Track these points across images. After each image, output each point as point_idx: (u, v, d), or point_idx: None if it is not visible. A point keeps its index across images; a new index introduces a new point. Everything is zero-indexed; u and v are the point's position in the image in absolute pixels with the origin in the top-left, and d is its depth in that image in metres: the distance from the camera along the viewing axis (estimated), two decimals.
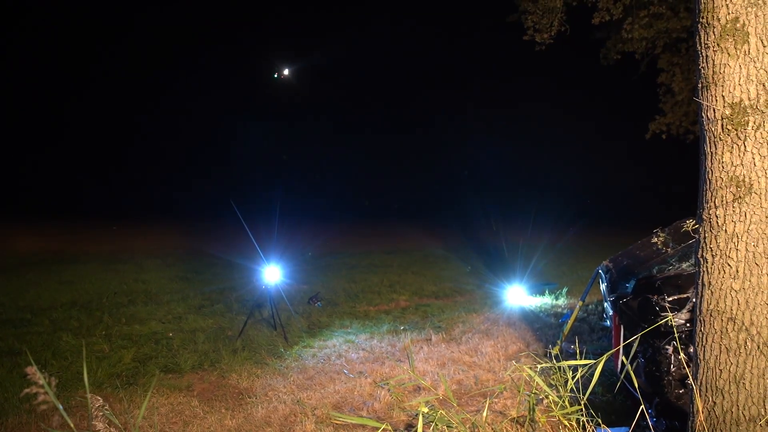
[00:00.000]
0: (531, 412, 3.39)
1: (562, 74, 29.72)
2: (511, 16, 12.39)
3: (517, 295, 9.02)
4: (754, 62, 2.52)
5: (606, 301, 5.32)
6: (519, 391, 4.63)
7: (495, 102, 36.85)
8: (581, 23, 11.84)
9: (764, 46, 2.51)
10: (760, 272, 2.60)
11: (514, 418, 3.52)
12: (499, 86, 36.19)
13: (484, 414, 3.36)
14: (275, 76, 31.41)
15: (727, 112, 2.57)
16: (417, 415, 2.94)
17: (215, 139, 35.62)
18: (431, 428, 3.11)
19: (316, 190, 29.80)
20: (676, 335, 3.34)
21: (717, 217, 2.66)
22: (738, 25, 2.52)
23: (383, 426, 2.87)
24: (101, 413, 2.76)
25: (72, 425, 2.38)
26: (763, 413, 2.63)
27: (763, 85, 2.52)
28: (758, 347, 2.62)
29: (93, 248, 15.08)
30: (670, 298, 3.98)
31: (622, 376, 3.27)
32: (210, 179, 30.20)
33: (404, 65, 39.46)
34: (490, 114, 36.56)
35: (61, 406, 2.27)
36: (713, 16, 2.57)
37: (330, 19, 42.80)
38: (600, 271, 5.65)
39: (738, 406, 2.67)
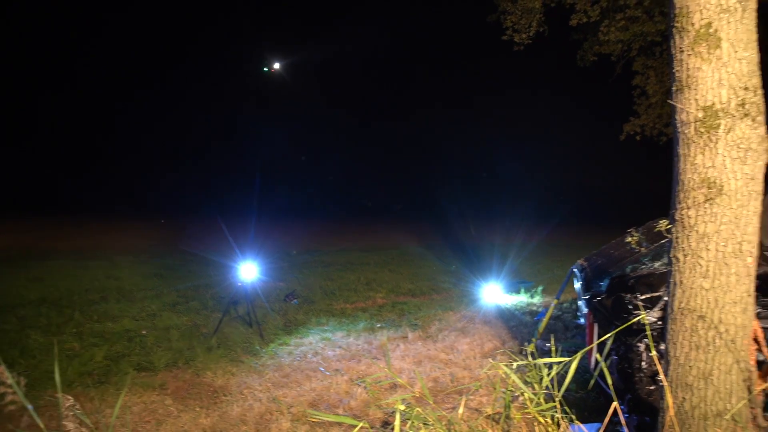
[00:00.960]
0: (506, 409, 3.43)
1: (541, 74, 30.05)
2: (491, 16, 12.48)
3: (493, 293, 9.10)
4: (726, 67, 2.58)
5: (580, 300, 5.40)
6: (495, 389, 4.67)
7: (471, 101, 37.13)
8: (560, 24, 11.99)
9: (735, 52, 2.57)
10: (728, 272, 2.67)
11: (490, 415, 3.56)
12: (478, 85, 36.48)
13: (460, 411, 3.38)
14: (265, 69, 31.02)
15: (700, 115, 2.63)
16: (393, 412, 2.94)
17: (194, 133, 35.11)
18: (408, 426, 3.12)
19: (296, 187, 29.61)
20: (648, 333, 3.41)
21: (689, 217, 2.72)
22: (711, 30, 2.57)
23: (360, 424, 2.87)
24: (72, 413, 2.70)
25: (42, 426, 2.33)
26: (728, 407, 2.70)
27: (734, 90, 2.58)
28: (726, 344, 2.69)
29: (64, 244, 14.75)
30: (643, 297, 4.06)
31: (596, 373, 3.32)
32: (187, 175, 29.75)
33: (384, 60, 39.44)
34: (464, 113, 36.84)
35: (30, 406, 2.21)
36: (687, 21, 2.62)
37: (317, 14, 42.54)
38: (575, 269, 5.73)
39: (706, 401, 2.74)
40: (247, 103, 35.80)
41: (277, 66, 30.52)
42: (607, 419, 3.16)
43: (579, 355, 2.96)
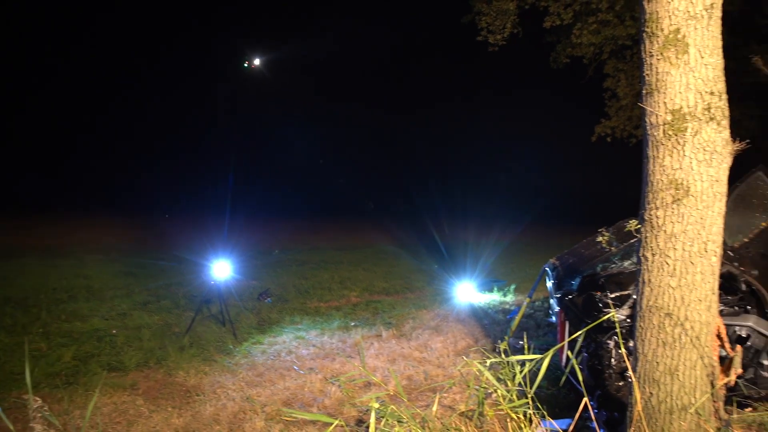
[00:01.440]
0: (480, 406, 3.47)
1: (515, 75, 30.37)
2: (466, 17, 12.57)
3: (467, 292, 9.18)
4: (693, 72, 2.66)
5: (552, 298, 5.49)
6: (468, 386, 4.72)
7: (447, 101, 37.30)
8: (534, 26, 12.14)
9: (702, 57, 2.65)
10: (694, 270, 2.75)
11: (463, 412, 3.59)
12: (457, 85, 36.69)
13: (434, 408, 3.41)
14: (245, 65, 30.46)
15: (669, 118, 2.70)
16: (368, 410, 2.95)
17: (168, 132, 34.44)
18: (382, 423, 3.13)
19: (271, 185, 29.33)
20: (617, 330, 3.49)
21: (657, 217, 2.79)
22: (679, 36, 2.64)
23: (335, 422, 2.88)
24: (40, 414, 2.64)
25: (12, 427, 2.27)
26: (693, 402, 2.78)
27: (701, 94, 2.66)
28: (691, 341, 2.77)
29: (33, 242, 14.36)
30: (613, 295, 4.15)
31: (567, 370, 3.38)
32: (164, 173, 29.20)
33: (364, 58, 39.32)
34: (439, 113, 36.98)
35: None
36: (657, 26, 2.69)
37: (297, 9, 42.14)
38: (547, 268, 5.81)
39: (672, 396, 2.81)
40: (227, 100, 35.31)
41: (257, 62, 30.05)
42: (577, 415, 3.22)
43: (550, 353, 3.01)
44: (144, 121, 33.88)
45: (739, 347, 3.17)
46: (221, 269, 7.18)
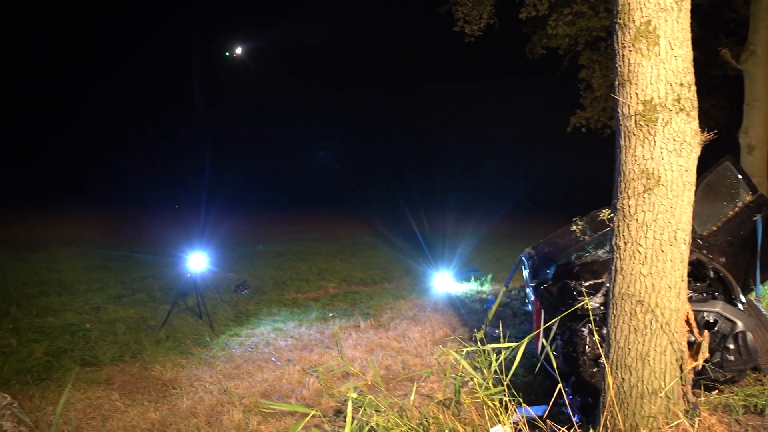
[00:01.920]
0: (456, 395, 3.51)
1: (492, 66, 30.44)
2: (443, 7, 12.57)
3: (444, 282, 9.25)
4: (664, 63, 2.70)
5: (528, 287, 5.56)
6: (445, 375, 4.76)
7: (428, 91, 37.26)
8: (510, 17, 12.20)
9: (672, 49, 2.70)
10: (665, 258, 2.81)
11: (441, 400, 3.63)
12: (433, 76, 36.63)
13: (412, 398, 3.44)
14: (227, 54, 29.86)
15: (640, 109, 2.74)
16: (346, 400, 2.96)
17: (146, 123, 33.69)
18: (360, 413, 3.15)
19: (249, 177, 28.99)
20: (591, 318, 3.55)
21: (629, 206, 2.85)
22: (650, 27, 2.68)
23: (312, 412, 2.88)
24: (9, 411, 2.59)
25: None
26: (663, 386, 2.86)
27: (671, 85, 2.71)
28: (661, 327, 2.84)
29: (1, 235, 14.00)
30: (587, 283, 4.22)
31: (542, 358, 3.44)
32: (141, 165, 28.59)
33: (338, 49, 38.96)
34: (415, 102, 36.92)
35: None
36: (629, 18, 2.72)
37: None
38: (523, 258, 5.88)
39: (643, 380, 2.88)
40: (205, 90, 34.67)
41: (239, 51, 29.48)
42: (552, 401, 3.29)
43: (525, 341, 3.06)
44: (120, 113, 33.12)
45: (706, 332, 3.25)
46: (197, 261, 7.10)
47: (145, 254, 11.50)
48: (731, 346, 3.93)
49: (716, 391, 3.85)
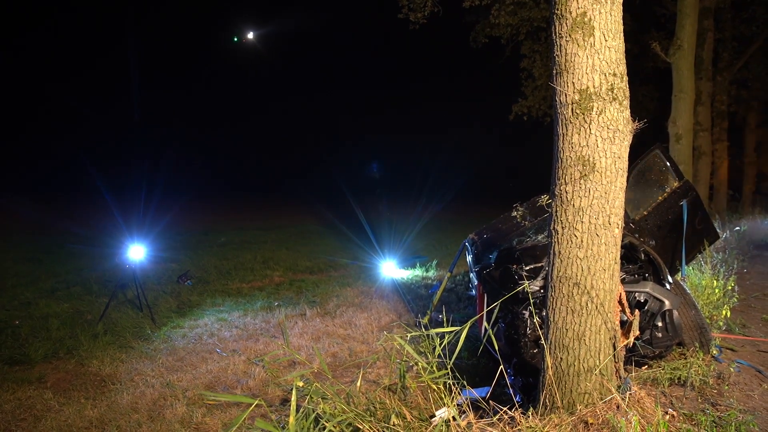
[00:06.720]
0: (402, 379, 3.55)
1: (438, 54, 30.69)
2: None
3: (390, 269, 9.32)
4: (599, 54, 2.80)
5: (472, 272, 5.67)
6: (391, 360, 4.81)
7: (372, 82, 37.20)
8: (454, 6, 12.28)
9: (606, 40, 2.80)
10: (599, 242, 2.94)
11: (387, 385, 3.67)
12: (380, 65, 36.56)
13: (358, 384, 3.46)
14: (235, 39, 28.37)
15: (577, 98, 2.83)
16: (292, 389, 2.95)
17: (78, 106, 31.89)
18: (306, 401, 3.13)
19: (193, 166, 28.09)
20: (531, 301, 3.67)
21: (566, 192, 2.95)
22: (586, 19, 2.77)
23: (255, 401, 2.85)
24: None
25: None
26: (597, 363, 3.00)
27: (605, 75, 2.81)
28: (596, 307, 2.97)
29: None
30: (527, 268, 4.35)
31: (485, 340, 3.52)
32: (81, 151, 27.09)
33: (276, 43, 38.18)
34: (365, 94, 36.85)
35: None
36: (566, 9, 2.80)
37: None
38: (466, 243, 5.99)
39: (579, 359, 3.02)
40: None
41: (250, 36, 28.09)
42: (494, 382, 3.38)
43: (468, 324, 3.12)
44: (53, 99, 31.26)
45: (637, 312, 3.43)
46: (137, 252, 6.85)
47: (80, 245, 10.99)
48: (659, 324, 4.16)
49: (645, 367, 4.07)
